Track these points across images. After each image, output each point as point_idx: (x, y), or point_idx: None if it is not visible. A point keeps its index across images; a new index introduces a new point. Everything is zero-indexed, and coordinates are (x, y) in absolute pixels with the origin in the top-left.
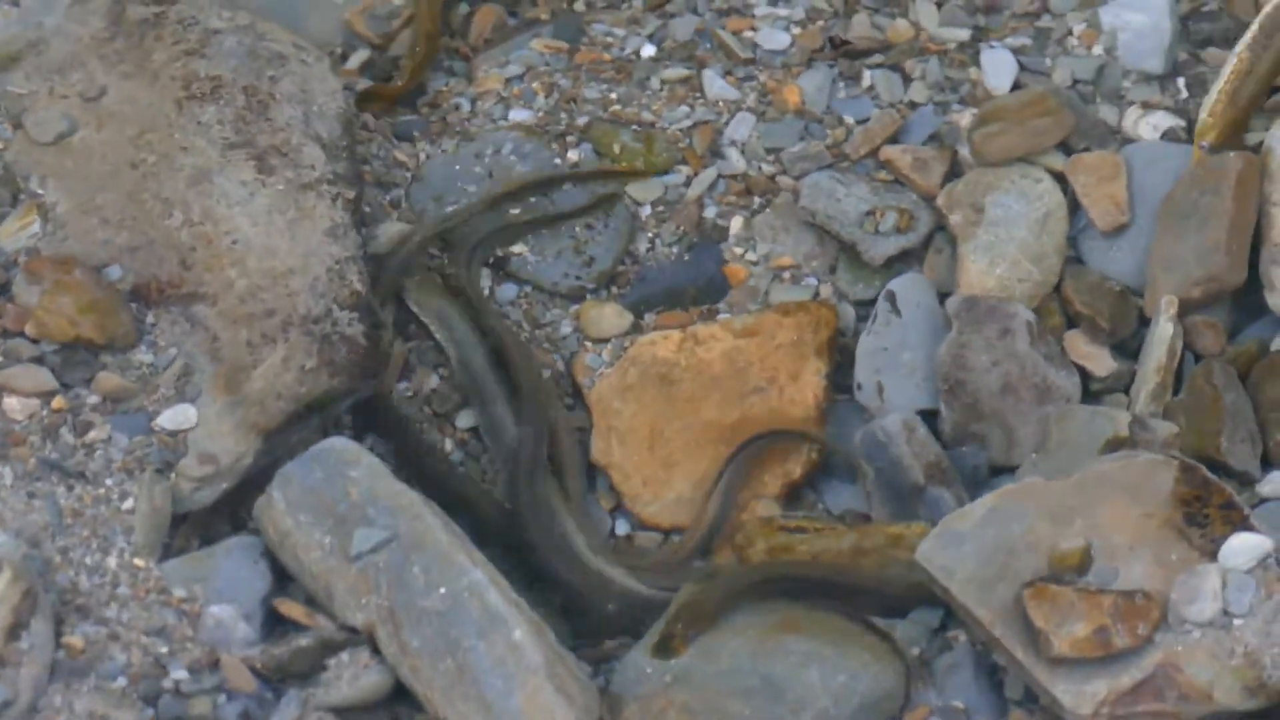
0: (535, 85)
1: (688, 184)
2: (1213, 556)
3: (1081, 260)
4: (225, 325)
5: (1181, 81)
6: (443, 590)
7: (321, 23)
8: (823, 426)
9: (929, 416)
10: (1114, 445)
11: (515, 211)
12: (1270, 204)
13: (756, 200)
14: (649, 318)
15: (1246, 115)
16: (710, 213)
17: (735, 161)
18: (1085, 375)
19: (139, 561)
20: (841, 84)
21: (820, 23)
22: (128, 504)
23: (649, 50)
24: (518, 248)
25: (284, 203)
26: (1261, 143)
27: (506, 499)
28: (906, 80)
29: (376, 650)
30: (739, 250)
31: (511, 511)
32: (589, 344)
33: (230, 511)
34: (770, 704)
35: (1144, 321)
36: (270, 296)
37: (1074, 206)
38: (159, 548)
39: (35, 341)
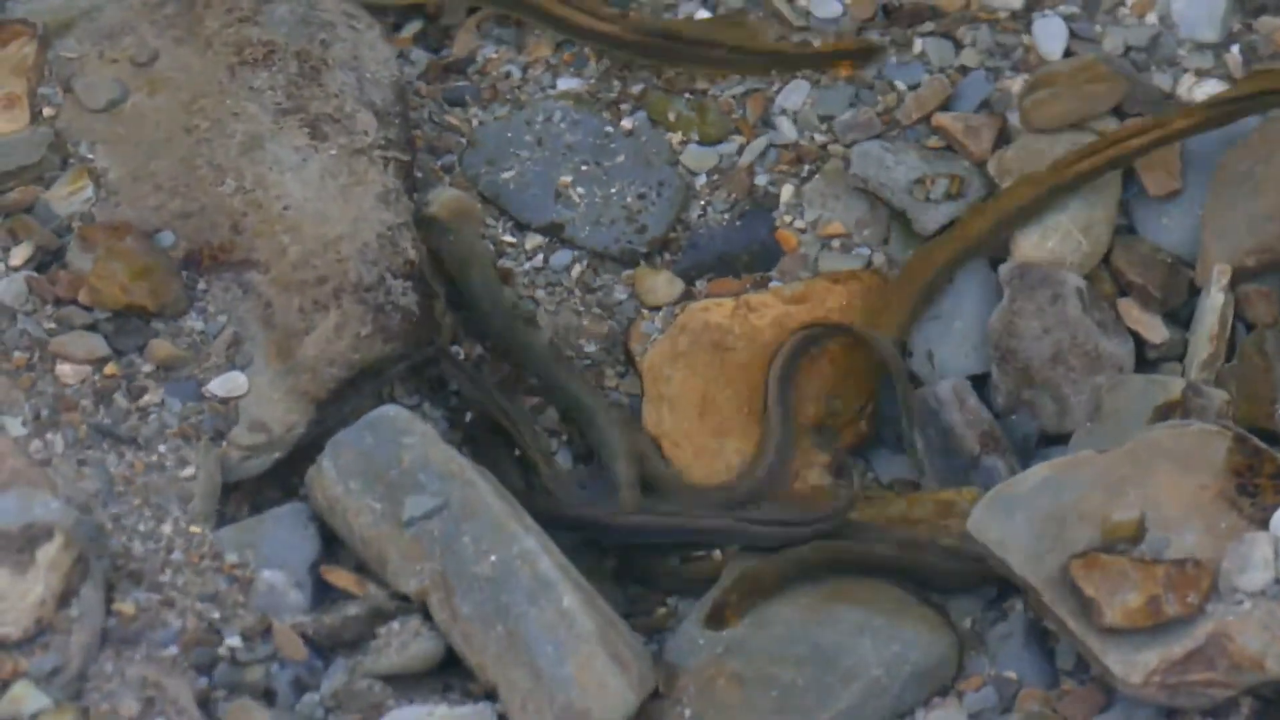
0: (586, 52)
1: (740, 152)
2: (1264, 525)
3: (1133, 228)
4: (277, 292)
5: (1236, 49)
6: (494, 558)
7: None
8: (874, 396)
9: (979, 383)
10: (1164, 411)
11: None
12: None
13: (807, 168)
14: (700, 285)
15: None
16: (761, 180)
17: (787, 130)
18: (1139, 343)
19: (195, 528)
20: (893, 50)
21: None
22: (185, 471)
23: (702, 15)
24: (569, 213)
25: (336, 168)
26: None
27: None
28: (958, 47)
29: (428, 618)
30: (789, 218)
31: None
32: (644, 311)
33: (281, 481)
34: (821, 673)
35: (1195, 291)
36: (322, 263)
37: (1126, 173)
38: (213, 515)
39: (88, 309)
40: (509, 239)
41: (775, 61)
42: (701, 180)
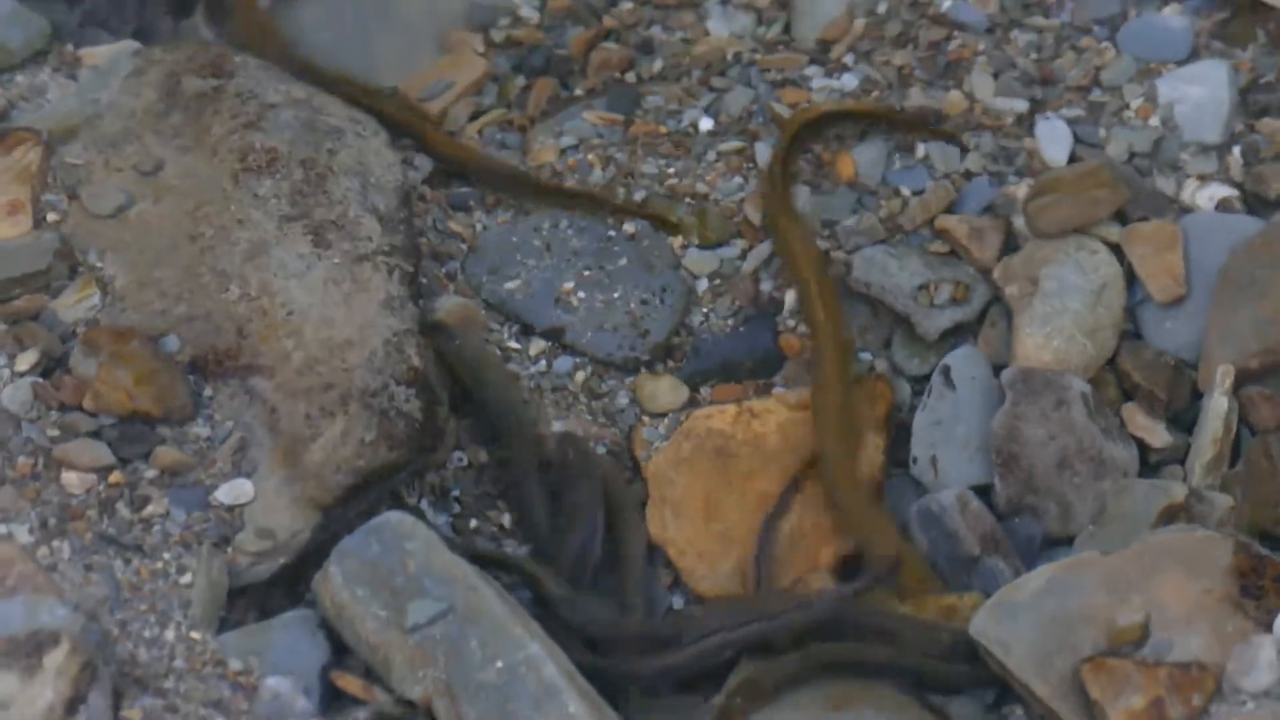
0: (590, 157)
1: (743, 257)
2: (1269, 628)
3: (1139, 333)
4: (283, 398)
5: (1238, 150)
6: (499, 663)
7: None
8: (879, 501)
9: (983, 491)
10: (1168, 516)
11: None
12: None
13: None
14: (704, 391)
15: None
16: (766, 286)
17: None
18: (1142, 448)
19: (196, 634)
20: (896, 156)
21: (875, 94)
22: (185, 578)
23: (706, 124)
24: (570, 318)
25: (341, 275)
26: None
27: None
28: (962, 151)
29: None
30: (793, 323)
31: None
32: (646, 418)
33: (288, 585)
34: None
35: (1198, 394)
36: (327, 369)
37: (1130, 278)
38: (216, 621)
39: (93, 415)
40: (513, 344)
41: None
42: (704, 285)
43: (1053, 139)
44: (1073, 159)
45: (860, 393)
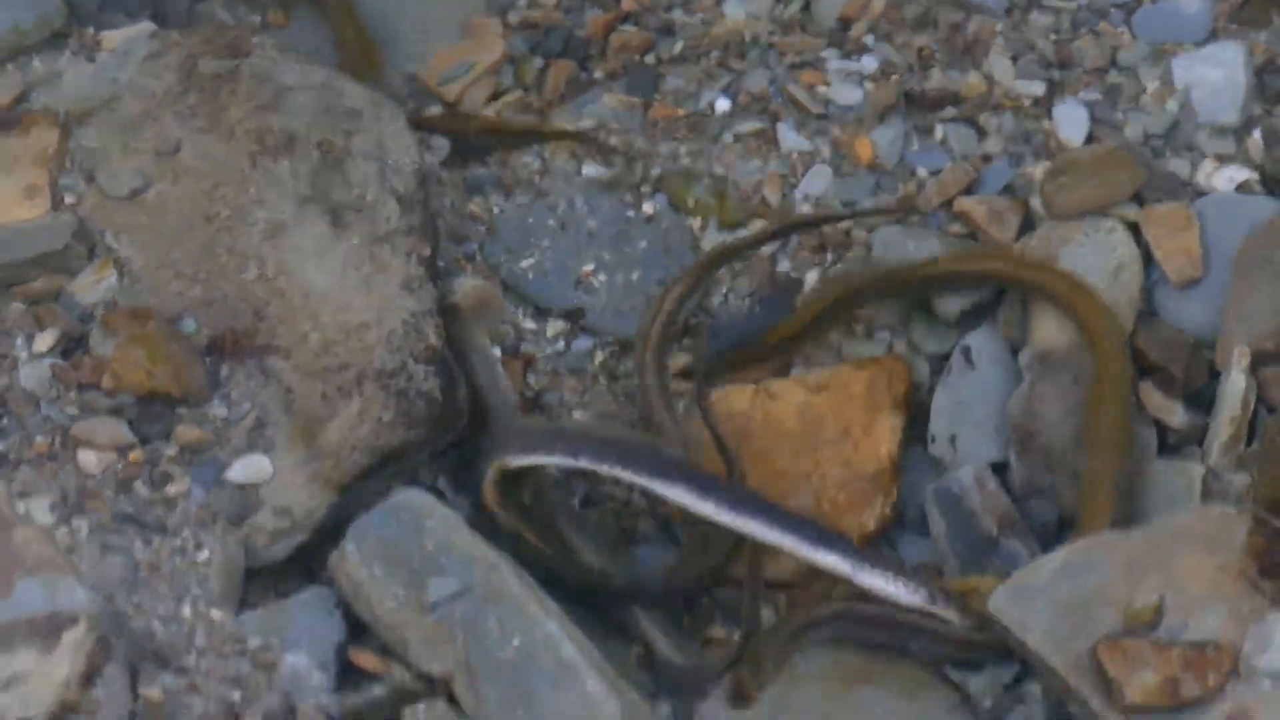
0: (611, 140)
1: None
2: None
3: (1155, 313)
4: (300, 378)
5: (1257, 133)
6: (517, 642)
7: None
8: (897, 481)
9: (1000, 470)
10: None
11: None
12: None
13: (829, 255)
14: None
15: None
16: (784, 267)
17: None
18: (1160, 428)
19: (215, 613)
20: (915, 137)
21: (894, 77)
22: (202, 556)
23: (724, 105)
24: (590, 299)
25: (359, 257)
26: None
27: None
28: (980, 134)
29: (453, 700)
30: None
31: None
32: None
33: (305, 564)
34: None
35: (1215, 374)
36: (345, 350)
37: (1147, 259)
38: (234, 599)
39: (111, 394)
40: (530, 325)
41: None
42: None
43: (1070, 121)
44: (1090, 140)
45: None
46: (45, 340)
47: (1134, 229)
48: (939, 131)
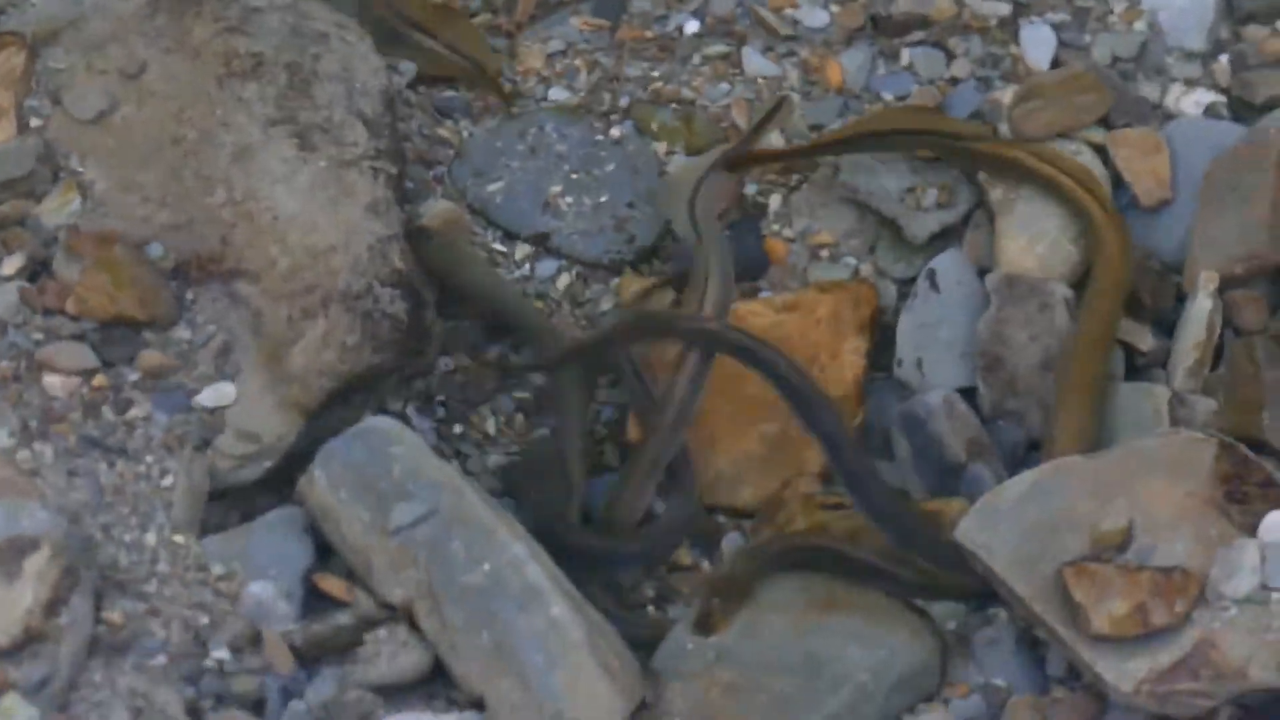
0: (577, 63)
1: None
2: (1253, 532)
3: None
4: (267, 302)
5: (1224, 58)
6: (486, 566)
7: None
8: (861, 403)
9: (967, 394)
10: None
11: None
12: None
13: (795, 177)
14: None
15: None
16: (749, 190)
17: (775, 140)
18: (1128, 351)
19: (178, 538)
20: (881, 61)
21: (861, 0)
22: (167, 480)
23: (692, 26)
24: (557, 223)
25: (326, 180)
26: None
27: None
28: (948, 57)
29: (414, 627)
30: (777, 227)
31: None
32: None
33: (275, 490)
34: (810, 680)
35: (1183, 298)
36: (311, 273)
37: (1116, 182)
38: (197, 524)
39: (76, 319)
40: (499, 247)
41: None
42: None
43: (1036, 43)
44: (1056, 64)
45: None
46: (12, 264)
47: (1101, 152)
48: (905, 56)
